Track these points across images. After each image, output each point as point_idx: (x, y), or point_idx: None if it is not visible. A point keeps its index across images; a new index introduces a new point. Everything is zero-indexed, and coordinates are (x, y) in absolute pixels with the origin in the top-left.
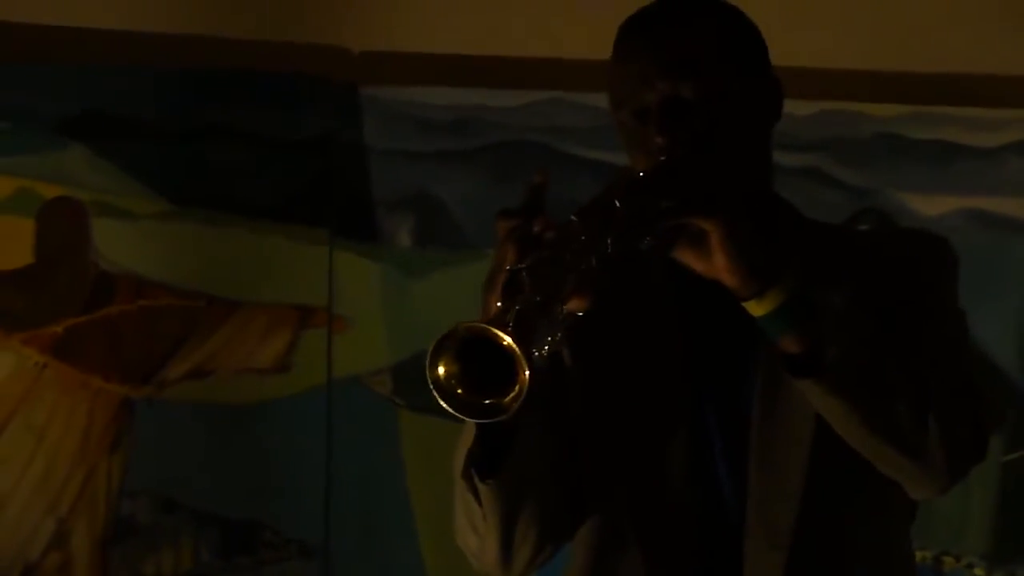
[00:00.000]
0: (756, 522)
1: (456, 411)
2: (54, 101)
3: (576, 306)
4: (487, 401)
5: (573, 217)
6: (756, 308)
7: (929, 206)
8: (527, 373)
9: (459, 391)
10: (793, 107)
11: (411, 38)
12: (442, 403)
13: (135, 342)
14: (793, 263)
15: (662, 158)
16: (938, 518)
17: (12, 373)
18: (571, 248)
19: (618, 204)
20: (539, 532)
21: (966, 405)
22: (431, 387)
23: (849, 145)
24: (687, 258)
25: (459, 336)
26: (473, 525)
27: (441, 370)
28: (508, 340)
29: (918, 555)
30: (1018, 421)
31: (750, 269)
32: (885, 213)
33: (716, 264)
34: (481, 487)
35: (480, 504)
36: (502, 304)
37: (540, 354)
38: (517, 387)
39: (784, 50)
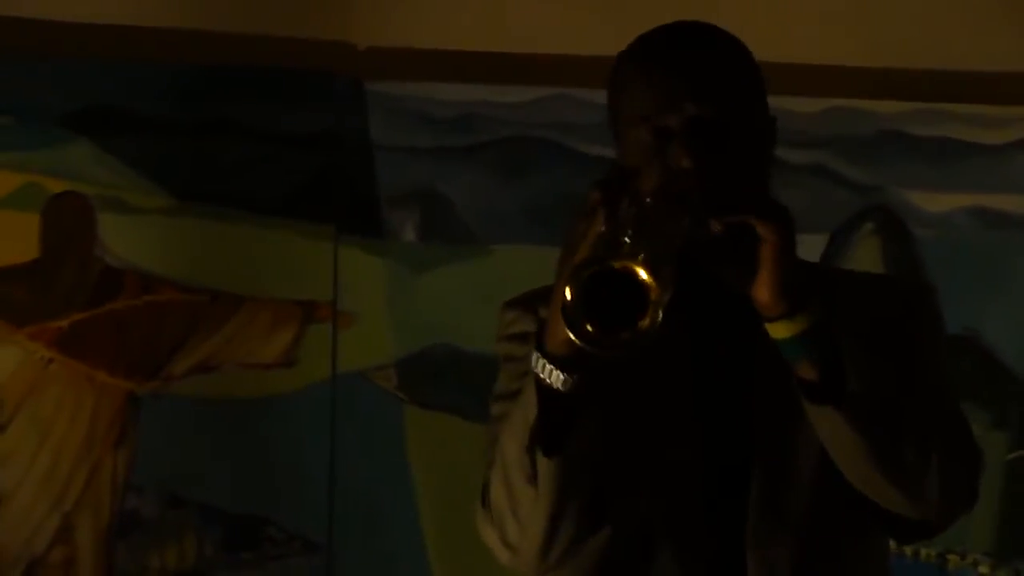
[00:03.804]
0: (760, 513)
1: (593, 348)
2: (60, 96)
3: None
4: (624, 335)
5: (648, 200)
6: (781, 330)
7: (934, 203)
8: (660, 313)
9: (589, 328)
10: (798, 104)
11: (416, 33)
12: (578, 342)
13: (140, 337)
14: (817, 290)
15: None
16: None
17: (18, 367)
18: (655, 225)
19: (689, 191)
20: (579, 522)
21: (965, 455)
22: (573, 336)
23: (854, 142)
24: (724, 263)
25: (589, 274)
26: (514, 511)
27: (570, 300)
28: (645, 275)
29: (923, 553)
30: (1022, 419)
31: (787, 288)
32: (891, 210)
33: (759, 276)
34: (543, 463)
35: (534, 485)
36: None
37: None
38: (650, 313)
39: (790, 47)
